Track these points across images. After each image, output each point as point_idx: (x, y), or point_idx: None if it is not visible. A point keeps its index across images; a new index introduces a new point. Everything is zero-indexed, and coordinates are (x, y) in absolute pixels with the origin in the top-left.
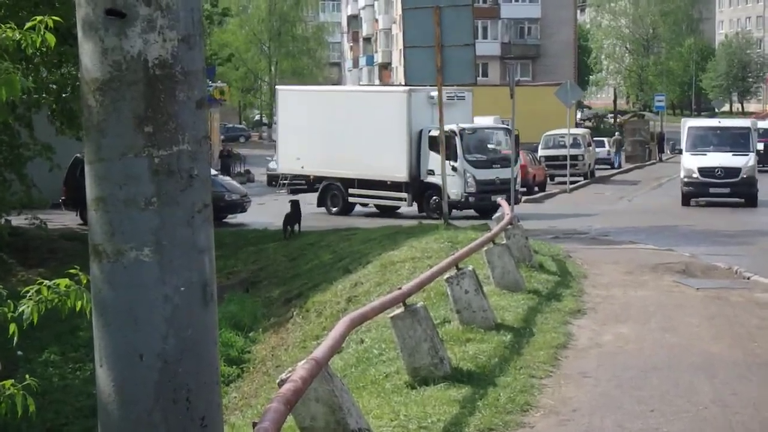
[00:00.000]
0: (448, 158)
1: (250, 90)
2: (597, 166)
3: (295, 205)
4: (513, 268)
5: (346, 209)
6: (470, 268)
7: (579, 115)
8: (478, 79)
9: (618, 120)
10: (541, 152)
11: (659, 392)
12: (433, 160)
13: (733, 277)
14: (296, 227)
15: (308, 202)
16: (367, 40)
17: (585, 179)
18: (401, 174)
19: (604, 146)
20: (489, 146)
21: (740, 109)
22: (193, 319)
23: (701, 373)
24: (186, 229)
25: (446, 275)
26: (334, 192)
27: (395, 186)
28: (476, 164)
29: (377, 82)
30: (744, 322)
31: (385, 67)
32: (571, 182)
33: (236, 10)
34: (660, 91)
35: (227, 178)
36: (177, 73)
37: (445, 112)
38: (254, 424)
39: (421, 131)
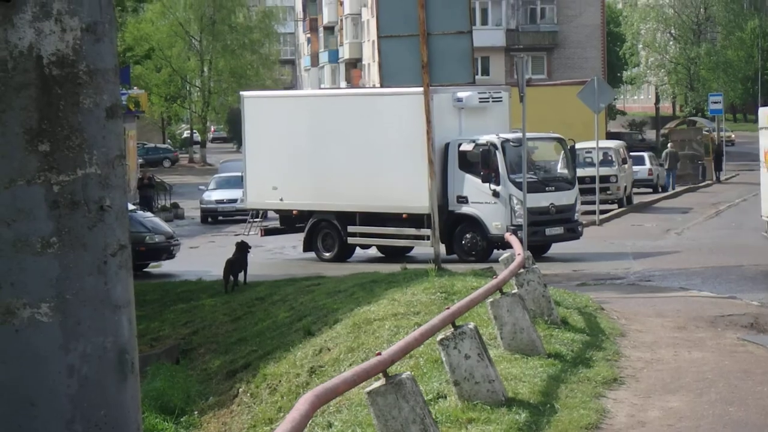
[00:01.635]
0: (486, 180)
1: (176, 98)
2: (635, 190)
3: (241, 247)
4: (528, 325)
5: (345, 253)
6: (471, 325)
7: (610, 124)
8: (477, 77)
9: (663, 129)
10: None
11: None
12: (466, 183)
13: None
14: (241, 277)
15: (291, 245)
16: (330, 29)
17: (620, 207)
18: (421, 204)
19: (644, 163)
20: (539, 163)
21: None
22: (108, 397)
23: None
24: (96, 279)
25: (440, 336)
26: (327, 231)
27: (413, 220)
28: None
29: (344, 84)
30: None
31: (354, 64)
32: (602, 211)
33: None
34: (716, 90)
35: (149, 215)
36: (81, 73)
37: (477, 118)
38: None
39: (447, 146)
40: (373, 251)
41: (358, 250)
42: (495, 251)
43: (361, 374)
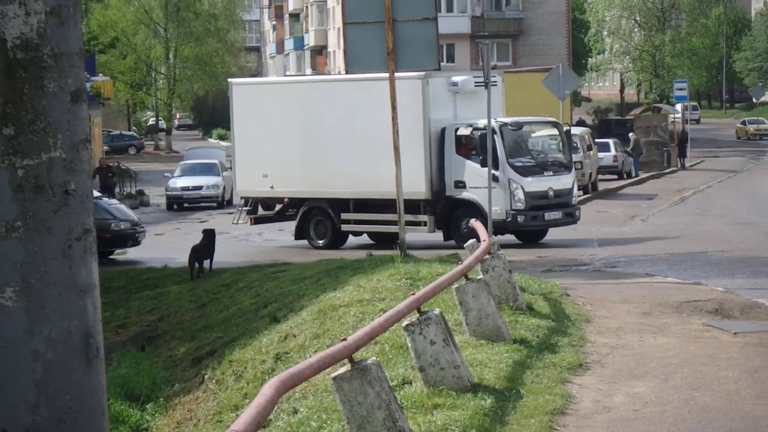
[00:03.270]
0: (484, 164)
1: (141, 85)
2: (600, 176)
3: (207, 235)
4: (493, 311)
5: (338, 240)
6: (437, 311)
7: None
8: (442, 64)
9: (627, 115)
10: None
11: None
12: (464, 168)
13: None
14: (207, 264)
15: (256, 231)
16: (295, 16)
17: (585, 193)
18: (418, 189)
19: (609, 149)
20: (537, 147)
21: None
22: (73, 382)
23: None
24: (61, 263)
25: (405, 322)
26: (320, 218)
27: (410, 206)
28: (524, 171)
29: (309, 71)
30: None
31: (320, 51)
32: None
33: None
34: (681, 77)
35: (114, 202)
36: (45, 57)
37: (472, 103)
38: None
39: (443, 130)
40: (364, 238)
41: (350, 237)
42: (493, 236)
43: (327, 360)
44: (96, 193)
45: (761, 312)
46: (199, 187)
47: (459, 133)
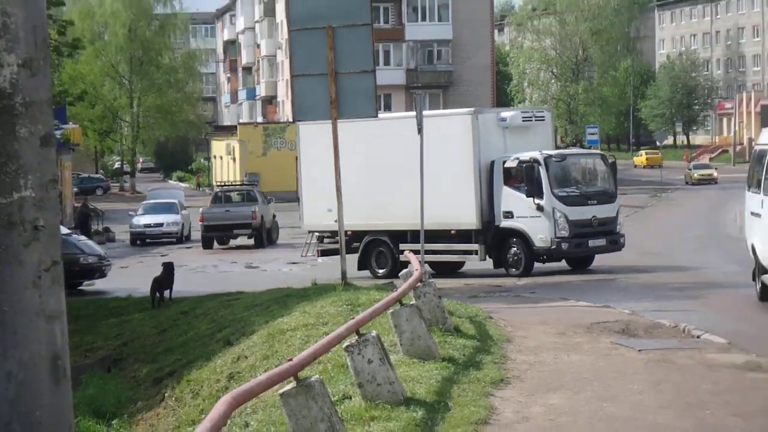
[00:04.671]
0: (530, 194)
1: (108, 132)
2: None
3: (167, 267)
4: (424, 333)
5: (397, 270)
6: (374, 333)
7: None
8: (379, 112)
9: None
10: None
11: None
12: (512, 198)
13: (681, 336)
14: (167, 294)
15: (212, 263)
16: (248, 69)
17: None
18: (470, 220)
19: None
20: (581, 177)
21: (686, 142)
22: (42, 401)
23: None
24: (31, 292)
25: (345, 343)
26: (380, 249)
27: (462, 236)
28: (568, 200)
29: (260, 119)
30: (694, 388)
31: (270, 101)
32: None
33: (90, 37)
34: (593, 123)
35: (82, 238)
36: (17, 105)
37: (521, 137)
38: None
39: (492, 163)
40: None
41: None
42: (536, 264)
43: (275, 378)
44: (65, 230)
45: (663, 331)
46: (160, 224)
47: (506, 165)
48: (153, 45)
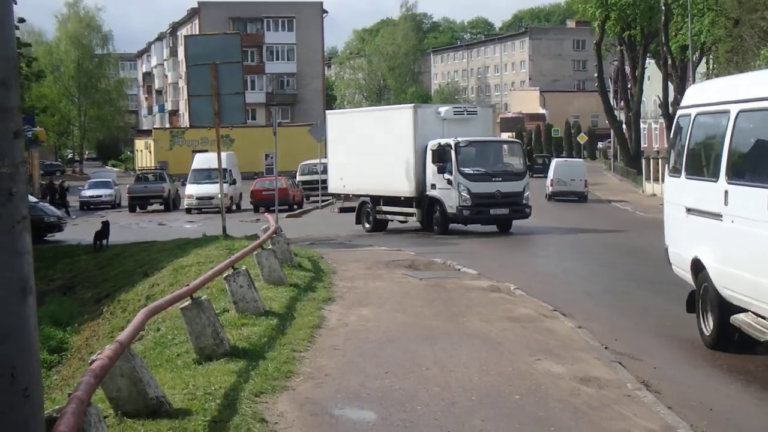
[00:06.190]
0: (442, 171)
1: (63, 133)
2: None
3: (105, 223)
4: (278, 268)
5: (378, 226)
6: (244, 268)
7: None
8: (247, 121)
9: None
10: (299, 177)
11: (393, 358)
12: (434, 174)
13: (448, 270)
14: (105, 242)
15: (135, 222)
16: (159, 92)
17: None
18: (410, 189)
19: None
20: (492, 160)
21: None
22: (13, 310)
23: (425, 343)
24: (7, 237)
25: (225, 274)
26: (367, 209)
27: (408, 201)
28: (473, 177)
29: (167, 125)
30: (456, 303)
31: (174, 113)
32: (323, 201)
33: (50, 69)
34: None
35: (47, 204)
36: None
37: (459, 128)
38: (69, 395)
39: (425, 146)
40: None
41: (396, 223)
42: (450, 225)
43: (177, 297)
44: (33, 199)
45: (436, 267)
46: (100, 196)
47: (431, 148)
48: (94, 75)
